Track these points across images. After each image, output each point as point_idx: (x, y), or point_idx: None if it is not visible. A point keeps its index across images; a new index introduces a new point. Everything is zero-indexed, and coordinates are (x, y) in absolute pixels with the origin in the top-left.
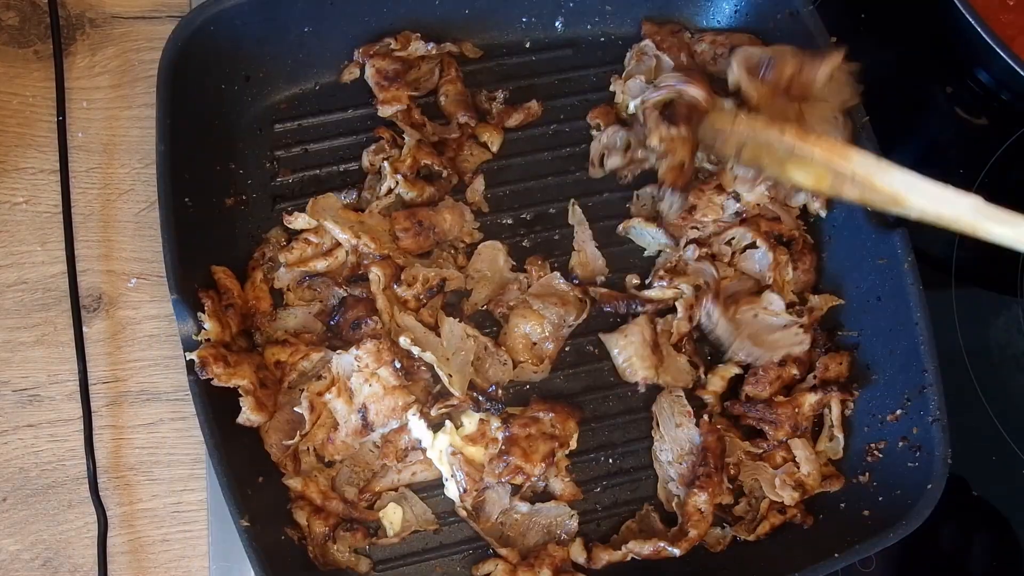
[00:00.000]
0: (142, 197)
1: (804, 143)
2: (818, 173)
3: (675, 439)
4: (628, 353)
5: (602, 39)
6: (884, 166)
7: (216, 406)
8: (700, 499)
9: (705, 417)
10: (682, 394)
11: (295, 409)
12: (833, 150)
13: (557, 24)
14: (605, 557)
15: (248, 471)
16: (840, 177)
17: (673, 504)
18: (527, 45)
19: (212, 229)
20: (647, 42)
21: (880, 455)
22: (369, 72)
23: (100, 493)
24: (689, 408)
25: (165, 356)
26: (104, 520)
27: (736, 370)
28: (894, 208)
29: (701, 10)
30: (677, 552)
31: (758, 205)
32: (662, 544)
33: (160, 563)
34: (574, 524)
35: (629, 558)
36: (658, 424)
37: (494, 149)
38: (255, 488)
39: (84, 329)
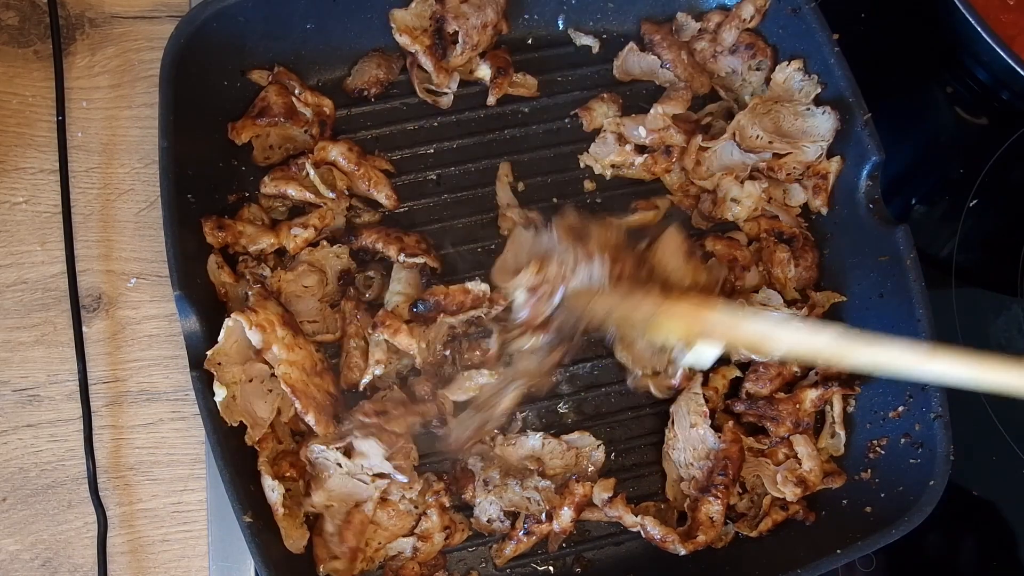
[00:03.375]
0: (142, 197)
1: (667, 303)
2: (684, 329)
3: (688, 439)
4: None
5: (604, 36)
6: (745, 315)
7: None
8: (714, 508)
9: (730, 424)
10: (700, 392)
11: None
12: (697, 305)
13: (559, 21)
14: (621, 511)
15: (251, 468)
16: (706, 329)
17: (685, 505)
18: (529, 42)
19: None
20: (646, 39)
21: (882, 452)
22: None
23: (100, 493)
24: (705, 409)
25: (165, 356)
26: (104, 520)
27: (737, 372)
28: (760, 352)
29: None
30: (682, 551)
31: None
32: (671, 538)
33: (160, 563)
34: (600, 455)
35: (637, 529)
36: (674, 423)
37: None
38: (258, 485)
39: (84, 329)
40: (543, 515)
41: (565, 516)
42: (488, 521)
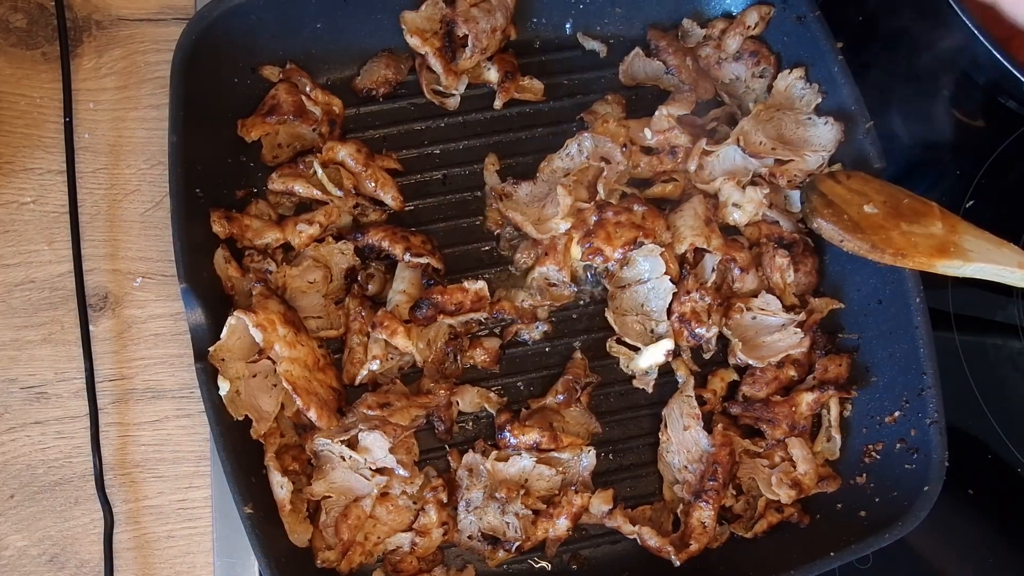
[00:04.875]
0: (148, 197)
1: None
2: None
3: (682, 442)
4: (679, 224)
5: (611, 41)
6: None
7: None
8: (705, 513)
9: (719, 427)
10: (692, 395)
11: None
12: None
13: (567, 25)
14: (620, 522)
15: (252, 460)
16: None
17: (678, 510)
18: (537, 45)
19: None
20: (652, 45)
21: (878, 456)
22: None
23: (106, 490)
24: (698, 411)
25: (170, 354)
26: (110, 516)
27: (735, 375)
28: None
29: (709, 5)
30: (677, 562)
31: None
32: (668, 548)
33: (165, 559)
34: (591, 459)
35: (634, 537)
36: (666, 426)
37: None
38: (259, 477)
39: (91, 328)
40: (518, 543)
41: (561, 525)
42: (469, 538)
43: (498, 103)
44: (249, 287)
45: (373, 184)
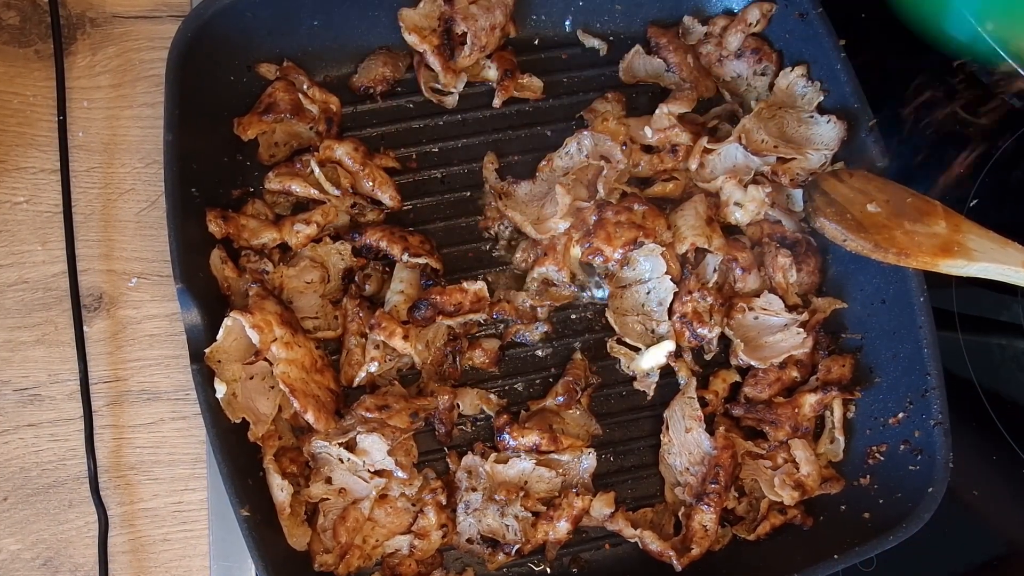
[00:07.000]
0: (143, 196)
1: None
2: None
3: (684, 444)
4: (680, 224)
5: (611, 38)
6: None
7: None
8: (707, 516)
9: (721, 429)
10: (695, 396)
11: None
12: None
13: (566, 23)
14: (622, 525)
15: (249, 462)
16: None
17: (680, 513)
18: (536, 42)
19: None
20: (652, 42)
21: (881, 458)
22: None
23: (101, 493)
24: (700, 413)
25: (166, 356)
26: (105, 520)
27: (737, 377)
28: None
29: (710, 3)
30: (678, 567)
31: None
32: (669, 553)
33: (161, 562)
34: (591, 460)
35: (635, 541)
36: (668, 427)
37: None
38: (256, 479)
39: (85, 329)
40: (518, 546)
41: (561, 528)
42: (469, 540)
43: (497, 101)
44: (246, 287)
45: (371, 183)
